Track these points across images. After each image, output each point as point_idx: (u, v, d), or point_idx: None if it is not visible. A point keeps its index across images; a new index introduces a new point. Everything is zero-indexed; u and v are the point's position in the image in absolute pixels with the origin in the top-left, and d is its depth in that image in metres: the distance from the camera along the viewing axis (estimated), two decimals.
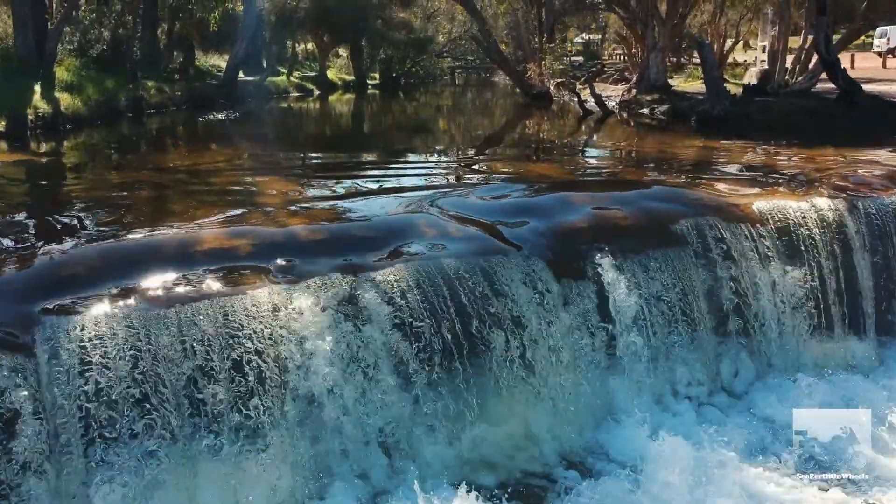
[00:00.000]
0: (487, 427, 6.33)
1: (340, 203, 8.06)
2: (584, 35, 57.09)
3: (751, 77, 24.37)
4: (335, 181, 9.45)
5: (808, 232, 8.15)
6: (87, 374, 5.02)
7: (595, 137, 16.99)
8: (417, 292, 6.26)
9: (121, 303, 5.47)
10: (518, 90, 36.64)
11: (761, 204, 8.30)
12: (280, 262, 6.26)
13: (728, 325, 7.65)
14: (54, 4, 23.71)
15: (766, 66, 25.11)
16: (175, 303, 5.55)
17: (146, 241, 6.57)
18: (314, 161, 12.08)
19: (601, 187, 9.03)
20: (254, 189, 8.54)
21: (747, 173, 10.23)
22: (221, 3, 28.65)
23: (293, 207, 7.63)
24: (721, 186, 9.23)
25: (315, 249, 6.58)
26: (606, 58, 52.83)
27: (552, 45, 29.37)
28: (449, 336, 6.23)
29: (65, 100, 16.79)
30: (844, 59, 27.30)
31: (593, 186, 9.14)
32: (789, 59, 21.77)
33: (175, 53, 36.07)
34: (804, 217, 8.22)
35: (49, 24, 20.35)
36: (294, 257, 6.35)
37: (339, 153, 13.46)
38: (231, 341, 5.50)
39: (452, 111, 28.48)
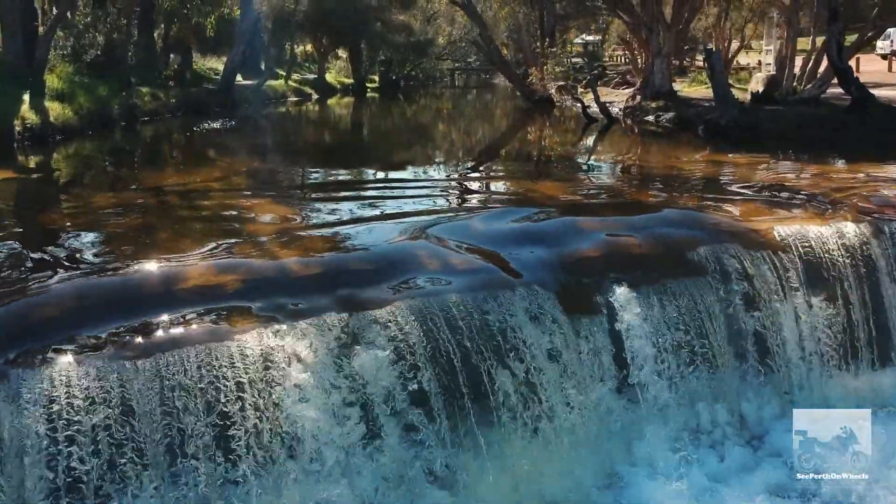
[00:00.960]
0: (493, 473, 5.88)
1: (336, 230, 7.59)
2: (583, 36, 56.60)
3: (757, 83, 23.89)
4: (331, 202, 8.96)
5: (832, 259, 7.69)
6: (54, 435, 4.57)
7: (600, 150, 16.47)
8: (419, 333, 5.81)
9: (95, 352, 5.02)
10: (518, 94, 36.29)
11: (782, 229, 7.83)
12: (271, 301, 5.81)
13: (750, 359, 7.20)
14: (44, 10, 23.19)
15: (771, 72, 24.69)
16: (154, 351, 5.10)
17: (127, 277, 6.09)
18: (309, 179, 11.42)
19: (611, 211, 8.56)
20: (245, 213, 8.06)
21: (763, 193, 9.75)
22: (217, 7, 28.09)
23: (286, 237, 7.16)
24: (737, 209, 8.76)
25: (309, 286, 6.12)
26: (607, 59, 52.42)
27: (554, 49, 28.85)
28: (452, 378, 5.78)
29: (55, 109, 16.29)
30: (850, 62, 26.94)
31: (603, 210, 8.66)
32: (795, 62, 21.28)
33: (172, 57, 35.64)
34: (828, 243, 7.75)
35: (39, 30, 19.82)
36: (286, 296, 5.90)
37: (335, 168, 12.90)
38: (214, 393, 5.04)
39: (453, 117, 28.00)
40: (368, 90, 42.33)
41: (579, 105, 26.02)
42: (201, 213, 8.20)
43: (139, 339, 5.17)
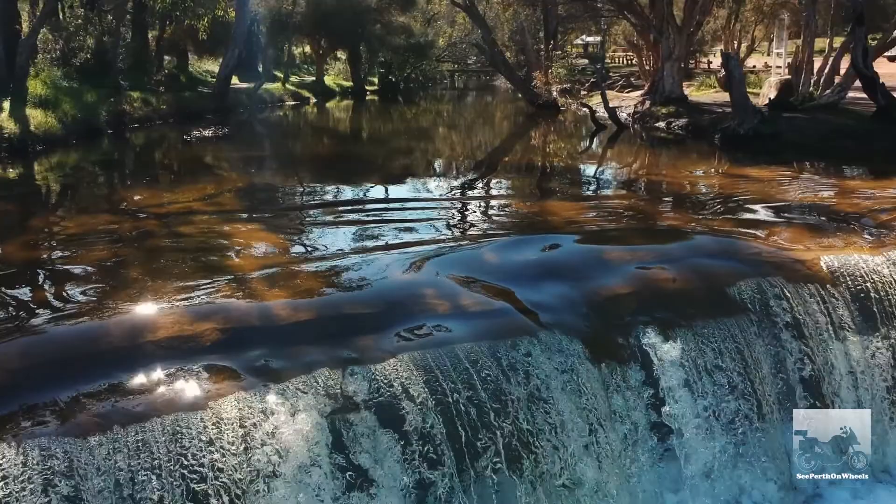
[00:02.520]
0: None
1: (331, 263, 6.73)
2: (583, 38, 55.80)
3: (769, 87, 22.99)
4: (326, 227, 8.09)
5: (887, 294, 6.85)
6: None
7: (613, 161, 15.51)
8: (427, 393, 4.98)
9: (40, 427, 4.18)
10: (520, 96, 35.40)
11: (830, 260, 6.99)
12: (254, 355, 4.98)
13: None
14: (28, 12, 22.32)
15: (783, 75, 23.86)
16: (112, 424, 4.26)
17: (87, 327, 5.25)
18: (303, 198, 10.46)
19: (638, 237, 7.70)
20: (230, 243, 7.18)
21: (801, 215, 8.92)
22: (211, 9, 27.19)
23: (274, 271, 6.31)
24: (776, 234, 7.93)
25: (299, 335, 5.29)
26: (609, 61, 51.67)
27: (557, 52, 28.01)
28: (467, 445, 4.96)
29: (36, 117, 15.40)
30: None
31: (628, 236, 7.79)
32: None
33: (168, 59, 34.75)
34: (882, 276, 6.91)
35: (23, 33, 18.93)
36: (271, 348, 5.07)
37: (332, 182, 11.94)
38: (184, 475, 4.21)
39: (455, 123, 27.06)
40: (368, 93, 41.46)
41: (586, 110, 25.26)
42: (180, 242, 7.32)
43: (94, 410, 4.33)
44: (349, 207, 9.37)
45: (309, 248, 7.29)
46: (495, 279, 6.39)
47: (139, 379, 4.62)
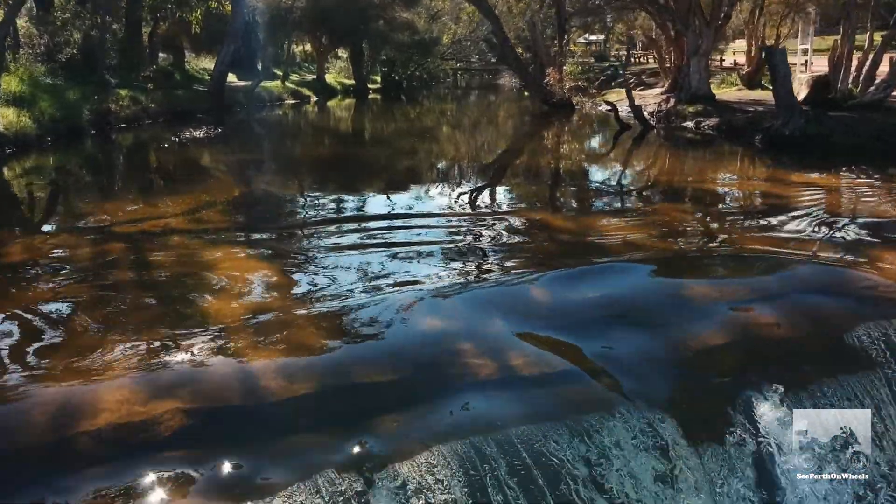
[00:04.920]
0: None
1: (334, 304, 5.26)
2: (587, 35, 54.42)
3: (801, 85, 21.50)
4: (327, 252, 6.56)
5: None
6: None
7: (650, 166, 13.89)
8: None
9: None
10: (527, 94, 33.90)
11: None
12: (231, 453, 3.52)
13: None
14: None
15: (812, 72, 22.39)
16: None
17: None
18: (300, 213, 8.86)
19: (719, 266, 6.21)
20: (209, 276, 5.68)
21: None
22: (204, 2, 25.68)
23: (262, 318, 4.84)
24: (882, 260, 6.45)
25: (294, 418, 3.84)
26: (614, 59, 50.31)
27: (570, 48, 26.56)
28: None
29: (7, 117, 13.89)
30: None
31: (707, 265, 6.30)
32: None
33: (163, 56, 33.27)
34: None
35: None
36: (257, 440, 3.62)
37: (333, 193, 10.30)
38: None
39: (465, 124, 25.55)
40: (370, 91, 39.96)
41: (602, 108, 23.82)
42: (147, 275, 5.83)
43: None
44: (355, 225, 7.79)
45: (307, 282, 5.79)
46: (550, 327, 4.92)
47: (59, 499, 3.16)
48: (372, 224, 7.78)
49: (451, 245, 6.95)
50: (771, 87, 24.90)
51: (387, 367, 4.31)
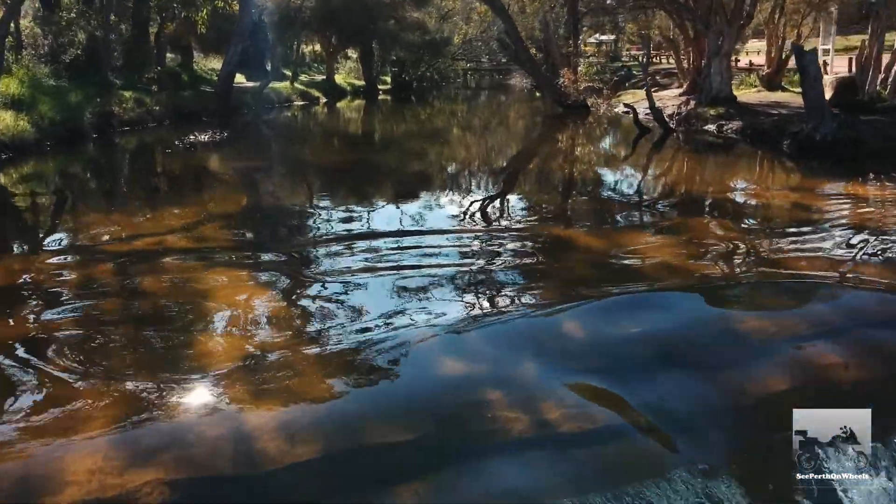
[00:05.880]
0: None
1: (342, 341, 4.67)
2: (597, 35, 53.80)
3: (823, 86, 20.76)
4: (333, 277, 5.95)
5: None
6: None
7: (675, 174, 13.08)
8: None
9: None
10: (539, 94, 33.25)
11: None
12: None
13: None
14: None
15: (835, 73, 21.71)
16: None
17: None
18: (307, 230, 8.27)
19: (772, 294, 5.55)
20: (204, 307, 5.09)
21: None
22: (210, 1, 25.12)
23: (261, 361, 4.26)
24: None
25: (296, 489, 3.26)
26: (626, 59, 49.65)
27: (585, 48, 25.91)
28: None
29: (4, 120, 13.37)
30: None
31: (758, 294, 5.64)
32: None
33: (171, 57, 32.73)
34: None
35: None
36: None
37: (341, 205, 9.63)
38: None
39: (479, 126, 24.86)
40: (380, 92, 39.34)
41: (619, 110, 23.17)
42: (133, 306, 5.23)
43: None
44: (365, 244, 7.10)
45: (313, 314, 5.20)
46: (587, 369, 4.32)
47: None
48: (382, 244, 7.09)
49: (466, 268, 6.33)
50: (792, 89, 24.35)
51: (403, 423, 3.72)
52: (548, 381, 4.16)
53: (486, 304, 5.43)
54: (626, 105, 21.23)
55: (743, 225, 8.33)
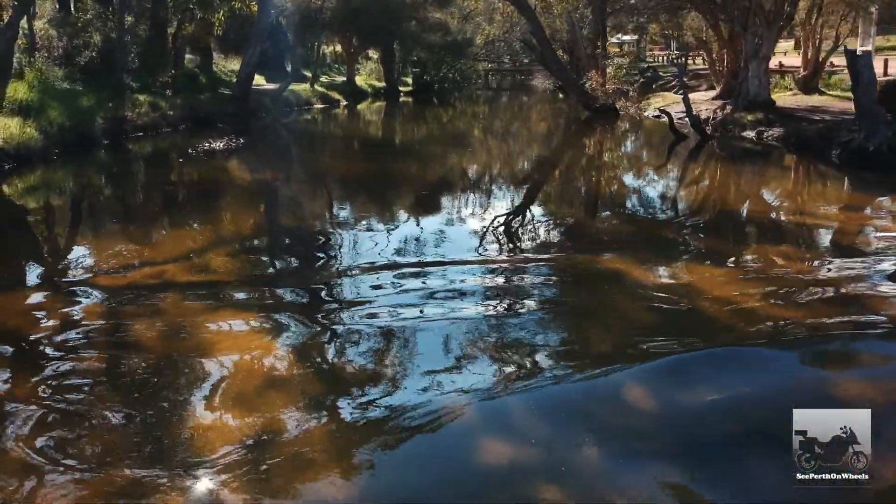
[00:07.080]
0: None
1: (359, 415, 3.90)
2: (619, 36, 52.79)
3: None
4: (349, 322, 5.12)
5: None
6: None
7: (728, 189, 11.80)
8: None
9: None
10: (562, 95, 32.35)
11: None
12: None
13: None
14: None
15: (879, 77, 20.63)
16: None
17: None
18: (319, 259, 7.47)
19: (866, 347, 4.74)
20: (200, 367, 4.34)
21: None
22: (227, 2, 24.47)
23: (264, 450, 3.51)
24: None
25: None
26: (651, 60, 48.61)
27: (616, 49, 25.00)
28: None
29: (9, 128, 12.74)
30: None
31: (857, 349, 4.79)
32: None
33: (190, 58, 32.15)
34: None
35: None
36: None
37: (359, 224, 8.94)
38: None
39: (505, 131, 23.94)
40: (401, 94, 38.59)
41: (649, 114, 22.31)
42: (119, 366, 4.48)
43: None
44: (388, 279, 6.24)
45: (326, 376, 4.42)
46: (662, 453, 3.54)
47: None
48: (405, 280, 6.18)
49: (497, 310, 5.52)
50: (830, 93, 23.34)
51: None
52: (614, 472, 3.39)
53: (524, 359, 4.64)
54: (659, 109, 20.33)
55: (815, 252, 7.44)
